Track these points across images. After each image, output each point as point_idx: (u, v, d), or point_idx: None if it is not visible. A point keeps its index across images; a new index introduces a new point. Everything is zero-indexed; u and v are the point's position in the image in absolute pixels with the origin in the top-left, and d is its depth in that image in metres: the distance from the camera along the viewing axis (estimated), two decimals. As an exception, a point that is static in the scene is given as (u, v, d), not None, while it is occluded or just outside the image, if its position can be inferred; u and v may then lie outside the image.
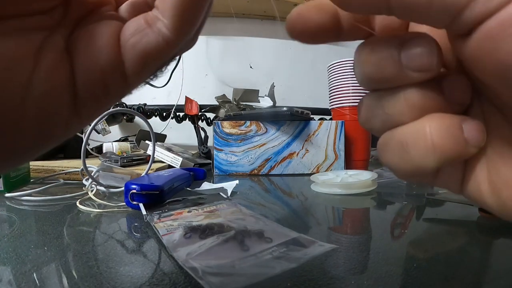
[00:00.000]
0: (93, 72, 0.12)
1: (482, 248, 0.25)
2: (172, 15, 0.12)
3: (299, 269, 0.19)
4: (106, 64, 0.12)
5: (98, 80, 0.12)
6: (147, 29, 0.12)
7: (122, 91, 0.13)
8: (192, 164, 0.67)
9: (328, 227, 0.31)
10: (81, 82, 0.12)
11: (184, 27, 0.12)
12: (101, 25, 0.13)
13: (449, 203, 0.38)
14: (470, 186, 0.12)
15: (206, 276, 0.17)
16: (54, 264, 0.21)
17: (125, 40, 0.12)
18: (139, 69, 0.13)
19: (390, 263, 0.21)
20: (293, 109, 0.60)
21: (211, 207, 0.33)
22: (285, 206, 0.40)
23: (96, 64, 0.12)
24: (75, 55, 0.12)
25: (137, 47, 0.12)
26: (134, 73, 0.13)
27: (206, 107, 0.89)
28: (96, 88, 0.12)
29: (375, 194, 0.44)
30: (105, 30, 0.12)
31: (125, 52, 0.12)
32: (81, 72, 0.12)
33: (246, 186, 0.52)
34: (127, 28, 0.12)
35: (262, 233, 0.24)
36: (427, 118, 0.11)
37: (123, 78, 0.13)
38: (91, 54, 0.12)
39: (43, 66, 0.11)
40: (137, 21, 0.12)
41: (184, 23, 0.12)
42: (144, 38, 0.12)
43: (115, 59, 0.12)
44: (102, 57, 0.12)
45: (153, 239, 0.26)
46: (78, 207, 0.36)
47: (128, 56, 0.12)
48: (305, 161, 0.66)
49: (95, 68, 0.12)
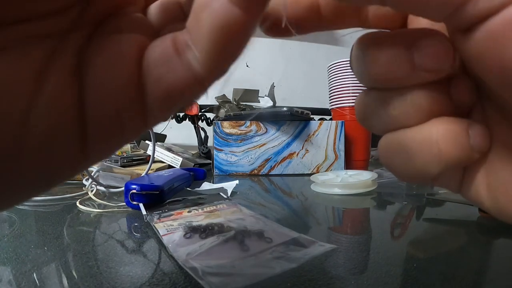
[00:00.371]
0: (107, 108, 0.10)
1: (482, 248, 0.25)
2: (208, 50, 0.09)
3: (299, 269, 0.19)
4: (124, 97, 0.10)
5: (113, 117, 0.10)
6: (175, 59, 0.09)
7: (139, 130, 0.11)
8: (192, 164, 0.67)
9: (328, 227, 0.31)
10: (92, 119, 0.10)
11: (221, 65, 0.09)
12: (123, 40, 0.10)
13: (449, 203, 0.38)
14: (468, 187, 0.12)
15: (206, 276, 0.17)
16: (54, 264, 0.21)
17: (149, 69, 0.10)
18: (162, 108, 0.10)
19: (390, 263, 0.21)
20: (293, 109, 0.60)
21: (211, 207, 0.33)
22: (285, 206, 0.40)
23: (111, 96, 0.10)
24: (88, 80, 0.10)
25: (162, 83, 0.10)
26: (156, 111, 0.10)
27: (206, 107, 0.89)
28: (109, 125, 0.10)
29: (375, 194, 0.44)
30: (127, 49, 0.10)
31: (148, 85, 0.10)
32: (93, 105, 0.09)
33: (246, 186, 0.52)
34: (152, 51, 0.10)
35: (262, 233, 0.24)
36: (433, 123, 0.11)
37: (142, 115, 0.10)
38: (107, 84, 0.10)
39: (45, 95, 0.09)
40: (164, 45, 0.10)
41: (222, 61, 0.09)
42: (171, 71, 0.09)
43: (136, 91, 0.10)
44: (120, 89, 0.10)
45: (153, 239, 0.26)
46: (78, 207, 0.36)
47: (151, 90, 0.10)
48: (305, 161, 0.66)
49: (110, 102, 0.10)
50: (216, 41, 0.09)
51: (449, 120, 0.11)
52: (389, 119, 0.12)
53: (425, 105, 0.11)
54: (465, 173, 0.12)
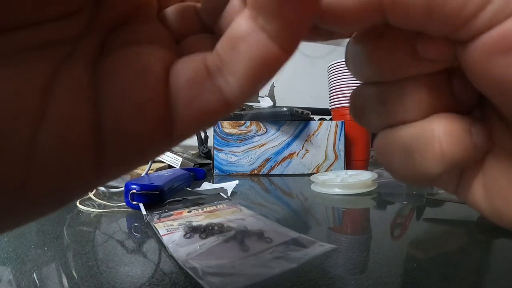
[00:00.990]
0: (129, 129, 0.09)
1: (482, 248, 0.25)
2: (242, 78, 0.09)
3: (299, 269, 0.19)
4: (149, 121, 0.09)
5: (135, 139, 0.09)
6: (208, 82, 0.09)
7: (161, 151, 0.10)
8: (192, 164, 0.67)
9: (328, 227, 0.31)
10: (110, 141, 0.09)
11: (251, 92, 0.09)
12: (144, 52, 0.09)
13: (449, 203, 0.38)
14: (465, 189, 0.12)
15: (206, 276, 0.17)
16: (54, 264, 0.21)
17: (179, 91, 0.09)
18: (189, 130, 0.09)
19: (390, 263, 0.21)
20: (293, 109, 0.60)
21: (211, 207, 0.33)
22: (285, 206, 0.40)
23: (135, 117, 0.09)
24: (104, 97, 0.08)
25: (193, 106, 0.09)
26: (181, 135, 0.09)
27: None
28: (129, 148, 0.09)
29: (375, 194, 0.44)
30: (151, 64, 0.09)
31: (176, 106, 0.09)
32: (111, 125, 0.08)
33: (246, 186, 0.52)
34: (182, 72, 0.09)
35: (262, 233, 0.24)
36: (434, 119, 0.10)
37: (167, 137, 0.09)
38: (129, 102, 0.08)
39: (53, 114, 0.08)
40: (195, 66, 0.09)
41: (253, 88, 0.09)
42: (203, 94, 0.09)
43: (163, 113, 0.09)
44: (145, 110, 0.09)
45: (153, 239, 0.26)
46: (78, 207, 0.36)
47: (180, 112, 0.09)
48: (305, 161, 0.66)
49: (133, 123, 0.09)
50: (252, 72, 0.08)
51: (451, 116, 0.10)
52: (387, 114, 0.11)
53: (425, 98, 0.10)
54: (463, 175, 0.12)
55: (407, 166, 0.11)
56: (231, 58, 0.09)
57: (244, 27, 0.08)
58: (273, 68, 0.09)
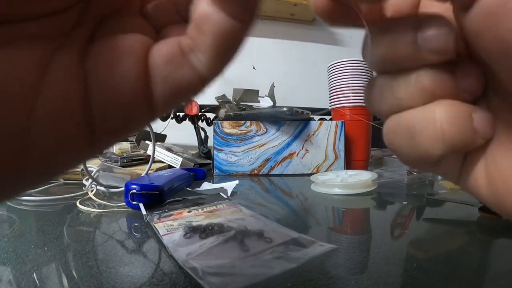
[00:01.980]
0: (115, 104, 0.10)
1: (482, 248, 0.25)
2: (210, 54, 0.10)
3: (299, 269, 0.19)
4: (132, 95, 0.10)
5: (120, 112, 0.10)
6: (181, 59, 0.10)
7: (144, 123, 0.12)
8: (192, 164, 0.67)
9: (328, 227, 0.31)
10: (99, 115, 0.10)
11: (221, 67, 0.11)
12: (127, 39, 0.11)
13: (449, 203, 0.38)
14: (467, 177, 0.12)
15: (206, 276, 0.17)
16: (54, 264, 0.21)
17: (157, 67, 0.10)
18: (168, 103, 0.11)
19: (390, 263, 0.21)
20: (293, 109, 0.60)
21: (211, 207, 0.33)
22: (285, 206, 0.40)
23: (119, 93, 0.10)
24: (92, 77, 0.10)
25: (171, 80, 0.10)
26: (162, 107, 0.11)
27: (206, 107, 0.89)
28: (116, 121, 0.10)
29: (375, 194, 0.44)
30: (132, 48, 0.10)
31: (155, 82, 0.10)
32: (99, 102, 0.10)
33: (246, 186, 0.52)
34: (159, 51, 0.11)
35: (262, 233, 0.24)
36: (436, 104, 0.11)
37: (149, 110, 0.11)
38: (114, 80, 0.10)
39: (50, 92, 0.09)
40: (170, 46, 0.11)
41: (221, 63, 0.11)
42: (178, 70, 0.10)
43: (143, 89, 0.10)
44: (128, 85, 0.10)
45: (153, 239, 0.26)
46: (78, 207, 0.36)
47: (159, 87, 0.10)
48: (305, 161, 0.66)
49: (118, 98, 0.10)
50: (217, 47, 0.10)
51: (453, 102, 0.11)
52: (394, 100, 0.12)
53: (429, 86, 0.11)
54: (465, 161, 0.12)
55: (411, 147, 0.12)
56: (199, 38, 0.10)
57: (206, 10, 0.10)
58: (235, 41, 0.10)
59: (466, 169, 0.12)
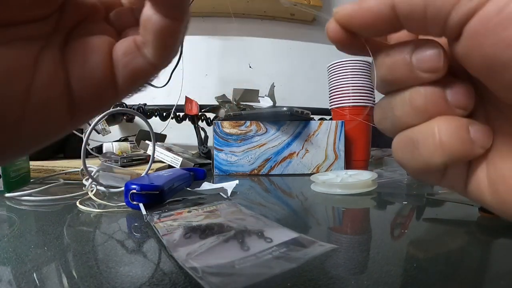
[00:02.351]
0: (89, 86, 0.13)
1: (482, 248, 0.25)
2: (154, 47, 0.14)
3: (299, 269, 0.19)
4: (101, 79, 0.14)
5: (94, 92, 0.14)
6: (136, 52, 0.14)
7: (113, 101, 0.15)
8: (192, 164, 0.67)
9: (328, 227, 0.31)
10: (77, 95, 0.13)
11: (166, 56, 0.14)
12: (95, 39, 0.14)
13: (449, 203, 0.38)
14: (472, 187, 0.13)
15: (206, 276, 0.17)
16: (54, 264, 0.21)
17: (118, 59, 0.14)
18: (129, 85, 0.14)
19: (390, 263, 0.21)
20: (293, 109, 0.60)
21: (211, 207, 0.33)
22: (285, 206, 0.40)
23: (92, 78, 0.13)
24: (71, 67, 0.13)
25: (129, 67, 0.14)
26: (125, 88, 0.14)
27: (206, 107, 0.89)
28: (91, 99, 0.14)
29: (375, 194, 0.44)
30: (100, 46, 0.14)
31: (118, 70, 0.14)
32: (77, 85, 0.13)
33: (246, 186, 0.52)
34: (119, 47, 0.14)
35: (262, 233, 0.24)
36: (435, 120, 0.12)
37: (115, 91, 0.14)
38: (88, 69, 0.13)
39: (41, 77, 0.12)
40: (128, 43, 0.14)
41: (166, 53, 0.14)
42: (134, 59, 0.14)
43: (109, 75, 0.14)
44: (98, 72, 0.13)
45: (153, 239, 0.26)
46: (78, 207, 0.36)
47: (120, 73, 0.14)
48: (305, 161, 0.66)
49: (91, 82, 0.13)
50: (159, 41, 0.13)
51: (450, 117, 0.12)
52: (395, 119, 0.14)
53: (420, 103, 0.13)
54: (469, 172, 0.13)
55: (414, 159, 0.13)
56: (145, 35, 0.14)
57: (147, 13, 0.13)
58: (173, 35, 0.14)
59: (470, 179, 0.13)
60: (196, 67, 1.21)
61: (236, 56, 1.28)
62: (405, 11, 0.11)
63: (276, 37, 1.31)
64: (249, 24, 1.29)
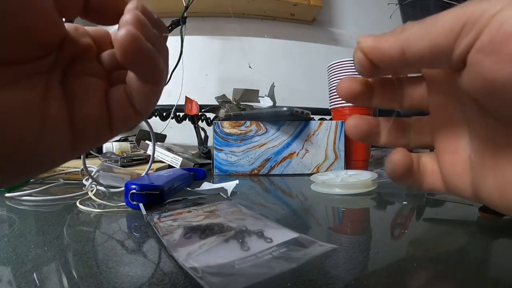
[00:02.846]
0: (89, 124, 0.15)
1: (482, 248, 0.25)
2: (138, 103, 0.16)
3: (299, 269, 0.19)
4: (100, 120, 0.16)
5: (93, 130, 0.16)
6: (127, 102, 0.16)
7: (108, 138, 0.17)
8: (192, 164, 0.67)
9: (328, 227, 0.31)
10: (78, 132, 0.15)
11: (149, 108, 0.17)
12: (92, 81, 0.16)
13: (449, 203, 0.38)
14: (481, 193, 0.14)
15: (206, 276, 0.17)
16: (54, 264, 0.21)
17: (114, 106, 0.16)
18: (122, 127, 0.17)
19: (390, 263, 0.21)
20: (293, 109, 0.60)
21: (211, 207, 0.33)
22: (285, 206, 0.40)
23: (92, 117, 0.15)
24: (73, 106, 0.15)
25: (121, 113, 0.16)
26: (118, 129, 0.17)
27: (206, 107, 0.89)
28: (90, 137, 0.16)
29: (375, 194, 0.44)
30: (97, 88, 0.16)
31: (113, 113, 0.16)
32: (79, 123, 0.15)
33: (246, 186, 0.52)
34: (114, 93, 0.16)
35: (262, 233, 0.24)
36: None
37: (111, 130, 0.16)
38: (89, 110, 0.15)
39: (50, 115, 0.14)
40: (119, 93, 0.16)
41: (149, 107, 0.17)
42: (125, 107, 0.16)
43: (106, 116, 0.16)
44: (97, 114, 0.16)
45: (153, 239, 0.26)
46: (78, 207, 0.36)
47: (116, 116, 0.16)
48: (305, 161, 0.66)
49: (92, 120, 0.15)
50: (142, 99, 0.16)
51: None
52: None
53: None
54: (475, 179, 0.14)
55: None
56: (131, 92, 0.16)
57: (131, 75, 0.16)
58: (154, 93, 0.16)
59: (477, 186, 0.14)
60: (196, 67, 1.21)
61: (236, 56, 1.28)
62: (413, 54, 0.13)
63: (276, 37, 1.31)
64: (249, 24, 1.29)
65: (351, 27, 1.37)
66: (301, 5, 1.21)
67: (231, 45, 1.28)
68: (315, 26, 1.35)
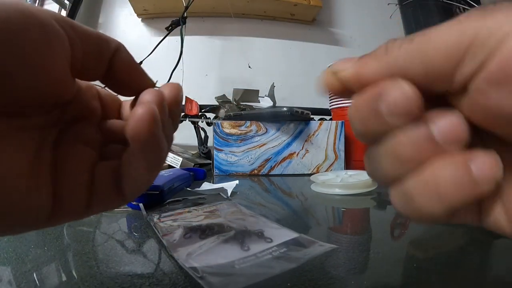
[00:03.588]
0: (70, 204, 0.14)
1: (482, 248, 0.25)
2: (130, 185, 0.15)
3: (299, 269, 0.19)
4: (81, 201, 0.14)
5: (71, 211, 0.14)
6: (110, 185, 0.15)
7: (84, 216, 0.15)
8: (192, 164, 0.67)
9: (328, 227, 0.31)
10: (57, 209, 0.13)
11: (139, 192, 0.16)
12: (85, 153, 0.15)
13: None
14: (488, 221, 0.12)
15: (206, 276, 0.17)
16: (54, 264, 0.21)
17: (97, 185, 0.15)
18: (101, 211, 0.16)
19: (390, 263, 0.21)
20: (293, 109, 0.60)
21: (211, 207, 0.33)
22: (285, 206, 0.40)
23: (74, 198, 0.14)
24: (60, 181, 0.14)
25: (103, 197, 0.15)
26: (95, 212, 0.15)
27: (206, 107, 0.89)
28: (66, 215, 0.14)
29: (375, 194, 0.44)
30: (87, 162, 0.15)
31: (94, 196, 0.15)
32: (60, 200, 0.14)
33: (246, 186, 0.52)
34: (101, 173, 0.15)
35: (262, 233, 0.24)
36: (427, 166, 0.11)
37: (87, 212, 0.15)
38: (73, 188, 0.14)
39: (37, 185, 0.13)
40: (106, 174, 0.15)
41: (139, 191, 0.16)
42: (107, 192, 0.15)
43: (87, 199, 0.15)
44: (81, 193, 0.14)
45: (153, 239, 0.26)
46: (78, 207, 0.36)
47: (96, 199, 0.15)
48: (305, 161, 0.66)
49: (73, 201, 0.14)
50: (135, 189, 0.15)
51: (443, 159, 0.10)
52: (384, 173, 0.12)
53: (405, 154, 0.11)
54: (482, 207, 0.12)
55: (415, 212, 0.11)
56: (126, 171, 0.15)
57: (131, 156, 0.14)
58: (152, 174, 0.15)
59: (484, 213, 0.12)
60: (196, 67, 1.21)
61: (236, 56, 1.28)
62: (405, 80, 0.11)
63: (276, 37, 1.31)
64: (249, 24, 1.29)
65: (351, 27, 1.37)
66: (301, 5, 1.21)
67: (231, 45, 1.28)
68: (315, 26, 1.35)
